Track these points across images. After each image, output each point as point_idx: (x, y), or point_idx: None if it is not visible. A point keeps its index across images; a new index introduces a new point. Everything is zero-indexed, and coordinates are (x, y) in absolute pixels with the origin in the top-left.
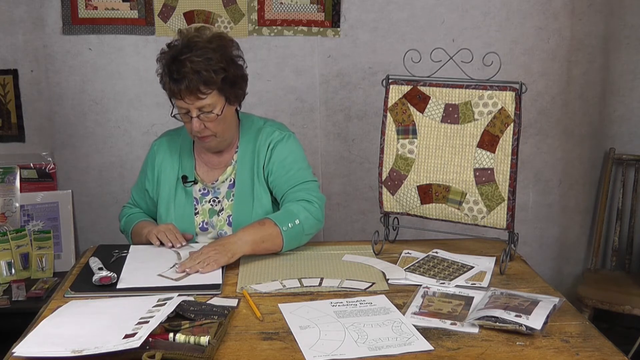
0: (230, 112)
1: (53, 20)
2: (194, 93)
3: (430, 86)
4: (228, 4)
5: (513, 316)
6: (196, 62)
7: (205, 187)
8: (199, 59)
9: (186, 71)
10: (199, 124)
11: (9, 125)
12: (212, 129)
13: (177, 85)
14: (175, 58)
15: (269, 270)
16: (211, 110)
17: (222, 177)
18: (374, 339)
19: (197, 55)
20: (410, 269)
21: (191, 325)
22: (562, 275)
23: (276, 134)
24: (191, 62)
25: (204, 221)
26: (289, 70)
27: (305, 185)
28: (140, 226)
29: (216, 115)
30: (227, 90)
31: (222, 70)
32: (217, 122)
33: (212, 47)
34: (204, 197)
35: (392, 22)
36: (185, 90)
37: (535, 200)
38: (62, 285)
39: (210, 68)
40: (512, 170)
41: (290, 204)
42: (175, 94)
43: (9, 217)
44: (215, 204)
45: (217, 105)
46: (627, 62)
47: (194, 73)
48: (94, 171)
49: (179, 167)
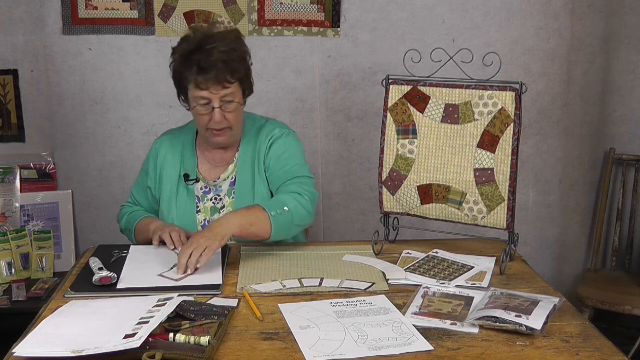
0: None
1: (53, 20)
2: (220, 82)
3: (430, 86)
4: (228, 4)
5: (513, 316)
6: (223, 51)
7: (207, 185)
8: (224, 49)
9: (214, 60)
10: (221, 114)
11: (9, 125)
12: (230, 121)
13: (205, 75)
14: (201, 47)
15: (269, 270)
16: (232, 99)
17: (223, 175)
18: (374, 339)
19: (223, 45)
20: (410, 269)
21: (191, 325)
22: (562, 275)
23: (276, 131)
24: (219, 51)
25: (206, 219)
26: (289, 70)
27: (298, 179)
28: (144, 222)
29: (237, 104)
30: (245, 81)
31: (243, 60)
32: (235, 114)
33: (232, 38)
34: (205, 195)
35: (392, 22)
36: (213, 79)
37: (535, 200)
38: (62, 285)
39: (236, 57)
40: (512, 170)
41: (281, 194)
42: (200, 84)
43: (9, 217)
44: (217, 202)
45: (236, 95)
46: (627, 62)
47: (222, 62)
48: (94, 171)
49: (181, 165)
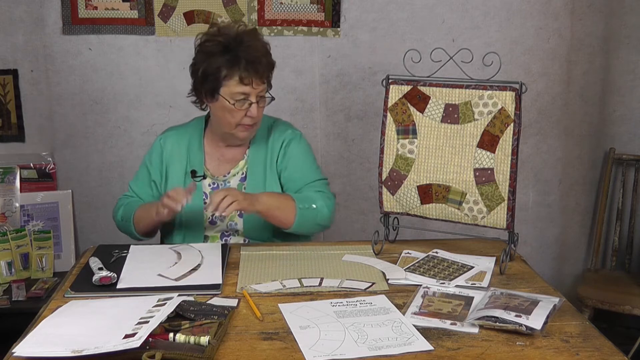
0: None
1: (53, 20)
2: (262, 77)
3: (430, 86)
4: (228, 4)
5: (513, 316)
6: (262, 48)
7: (215, 182)
8: (262, 45)
9: (259, 55)
10: (258, 109)
11: (9, 125)
12: (259, 116)
13: (250, 70)
14: (242, 42)
15: (269, 270)
16: (264, 95)
17: (233, 171)
18: (374, 339)
19: (260, 41)
20: (410, 269)
21: (191, 325)
22: (562, 275)
23: (289, 132)
24: (261, 46)
25: (214, 215)
26: (289, 70)
27: (320, 182)
28: (144, 208)
29: (270, 99)
30: (270, 78)
31: (272, 57)
32: (261, 110)
33: (260, 36)
34: (213, 191)
35: (392, 22)
36: (258, 74)
37: (535, 200)
38: (62, 285)
39: (269, 54)
40: (512, 170)
41: (309, 192)
42: (244, 79)
43: (9, 217)
44: None
45: (266, 92)
46: (627, 62)
47: (264, 57)
48: (94, 171)
49: (187, 162)
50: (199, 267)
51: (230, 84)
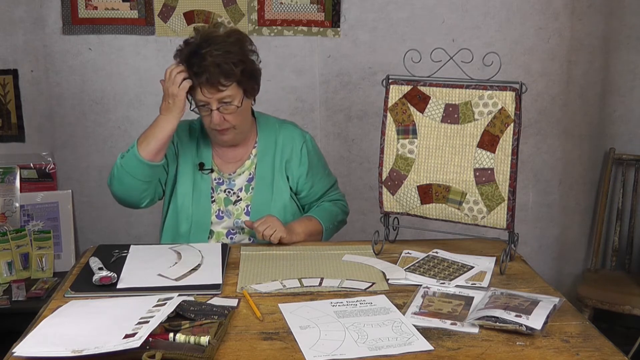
0: (247, 105)
1: (53, 20)
2: (214, 86)
3: (430, 86)
4: (228, 4)
5: (513, 316)
6: (216, 55)
7: (220, 177)
8: (218, 52)
9: (207, 64)
10: (219, 116)
11: (9, 125)
12: (231, 122)
13: (198, 79)
14: (196, 52)
15: (269, 270)
16: (231, 101)
17: (239, 170)
18: (374, 339)
19: (217, 48)
20: (410, 269)
21: (191, 325)
22: (562, 275)
23: (299, 135)
24: (211, 56)
25: (220, 209)
26: (289, 70)
27: (333, 189)
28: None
29: (236, 107)
30: (245, 82)
31: (241, 62)
32: (236, 115)
33: (231, 40)
34: (219, 186)
35: (392, 22)
36: (205, 83)
37: (535, 200)
38: (62, 285)
39: (230, 61)
40: (512, 170)
41: (328, 205)
42: (196, 87)
43: (9, 217)
44: (230, 194)
45: (236, 97)
46: (627, 62)
47: (214, 66)
48: (94, 171)
49: (197, 154)
50: (199, 267)
51: (195, 90)
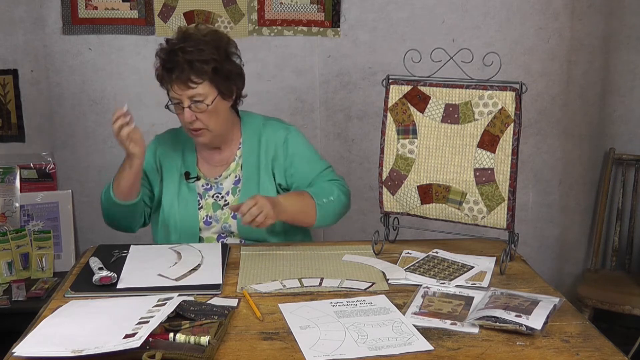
0: (224, 107)
1: (53, 20)
2: (184, 82)
3: (430, 86)
4: (228, 4)
5: (513, 316)
6: (188, 52)
7: (208, 183)
8: (191, 49)
9: (178, 60)
10: (191, 114)
11: (9, 125)
12: (203, 122)
13: (169, 75)
14: (170, 50)
15: (269, 270)
16: (202, 100)
17: (225, 173)
18: (374, 339)
19: (190, 45)
20: (410, 269)
21: (191, 325)
22: (562, 275)
23: (281, 130)
24: (183, 52)
25: (208, 215)
26: (289, 70)
27: (328, 171)
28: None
29: (206, 106)
30: (219, 82)
31: (214, 61)
32: (209, 115)
33: (206, 39)
34: (207, 191)
35: (392, 22)
36: (176, 79)
37: (535, 200)
38: (62, 285)
39: (202, 58)
40: (512, 170)
41: (323, 183)
42: (166, 84)
43: (9, 217)
44: (218, 199)
45: (208, 96)
46: (627, 62)
47: (185, 62)
48: (94, 171)
49: (182, 163)
50: (199, 267)
51: (169, 87)
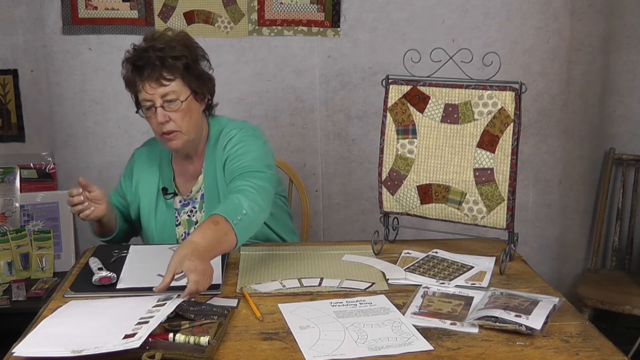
0: (196, 108)
1: (53, 20)
2: (157, 80)
3: (430, 86)
4: (228, 4)
5: (513, 316)
6: (159, 48)
7: (184, 199)
8: (162, 46)
9: (149, 57)
10: (164, 114)
11: (9, 125)
12: (177, 122)
13: (140, 74)
14: (140, 49)
15: (269, 270)
16: (175, 98)
17: (195, 188)
18: (374, 339)
19: (160, 43)
20: (410, 269)
21: (191, 325)
22: (562, 275)
23: (233, 132)
24: (154, 50)
25: (185, 232)
26: (289, 70)
27: (248, 174)
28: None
29: (180, 103)
30: (191, 80)
31: (184, 57)
32: (182, 115)
33: (177, 39)
34: (183, 208)
35: (392, 22)
36: (147, 77)
37: (535, 200)
38: (62, 285)
39: (173, 55)
40: (512, 170)
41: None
42: (137, 84)
43: (9, 217)
44: (192, 215)
45: (181, 94)
46: (627, 62)
47: (157, 59)
48: (94, 171)
49: (159, 179)
50: None
51: (139, 90)
